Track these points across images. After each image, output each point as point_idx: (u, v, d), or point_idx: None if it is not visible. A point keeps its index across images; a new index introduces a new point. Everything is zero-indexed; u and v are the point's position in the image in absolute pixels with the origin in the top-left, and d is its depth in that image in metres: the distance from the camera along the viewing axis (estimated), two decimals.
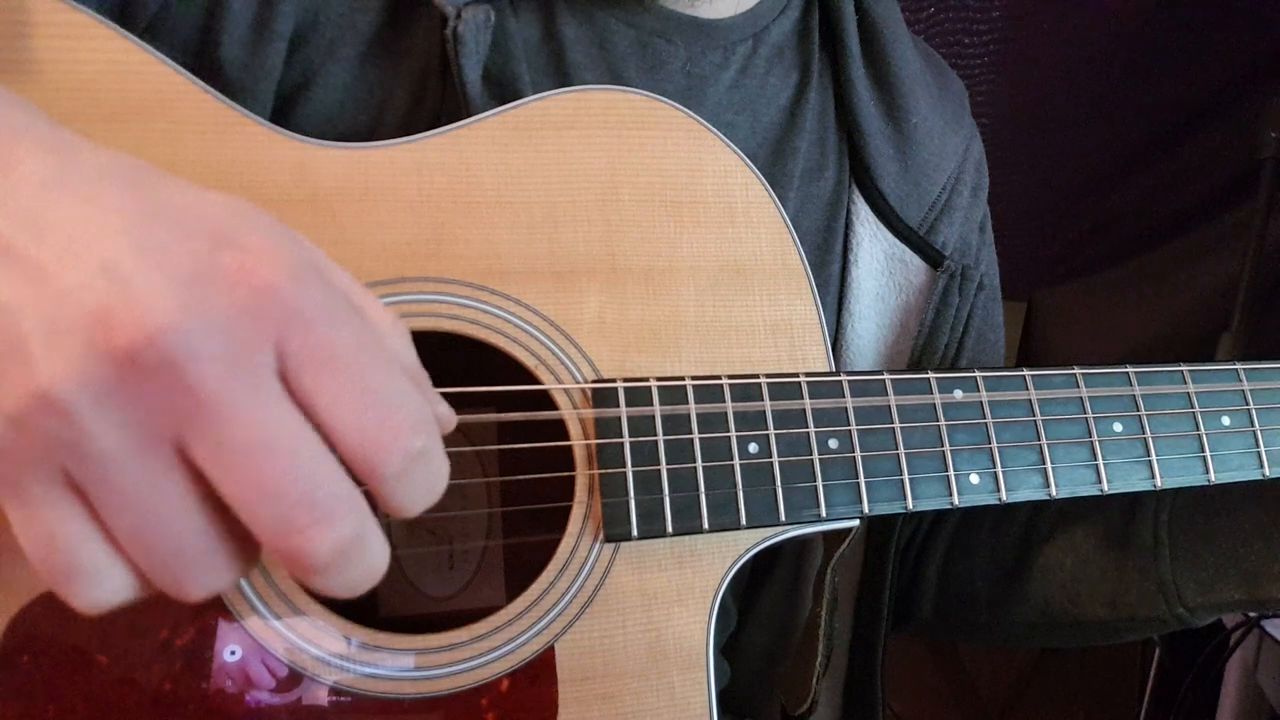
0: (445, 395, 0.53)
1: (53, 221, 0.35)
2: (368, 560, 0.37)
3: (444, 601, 0.68)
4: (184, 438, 0.35)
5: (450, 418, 0.43)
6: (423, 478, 0.38)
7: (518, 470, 0.63)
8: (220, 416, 0.34)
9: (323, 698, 0.52)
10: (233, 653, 0.51)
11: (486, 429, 0.63)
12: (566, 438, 0.57)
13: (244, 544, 0.37)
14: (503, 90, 0.67)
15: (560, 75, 0.70)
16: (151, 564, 0.36)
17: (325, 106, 0.64)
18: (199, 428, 0.34)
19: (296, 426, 0.36)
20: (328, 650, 0.52)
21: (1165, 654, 1.64)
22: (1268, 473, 0.67)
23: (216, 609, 0.51)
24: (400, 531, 0.67)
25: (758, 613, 0.82)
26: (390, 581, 0.67)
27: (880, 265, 0.80)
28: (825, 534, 0.62)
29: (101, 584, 0.36)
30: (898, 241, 0.80)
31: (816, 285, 0.65)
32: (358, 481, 0.37)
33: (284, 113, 0.63)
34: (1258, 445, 0.67)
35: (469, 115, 0.61)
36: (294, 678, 0.52)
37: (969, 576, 0.84)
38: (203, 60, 0.61)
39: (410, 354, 0.42)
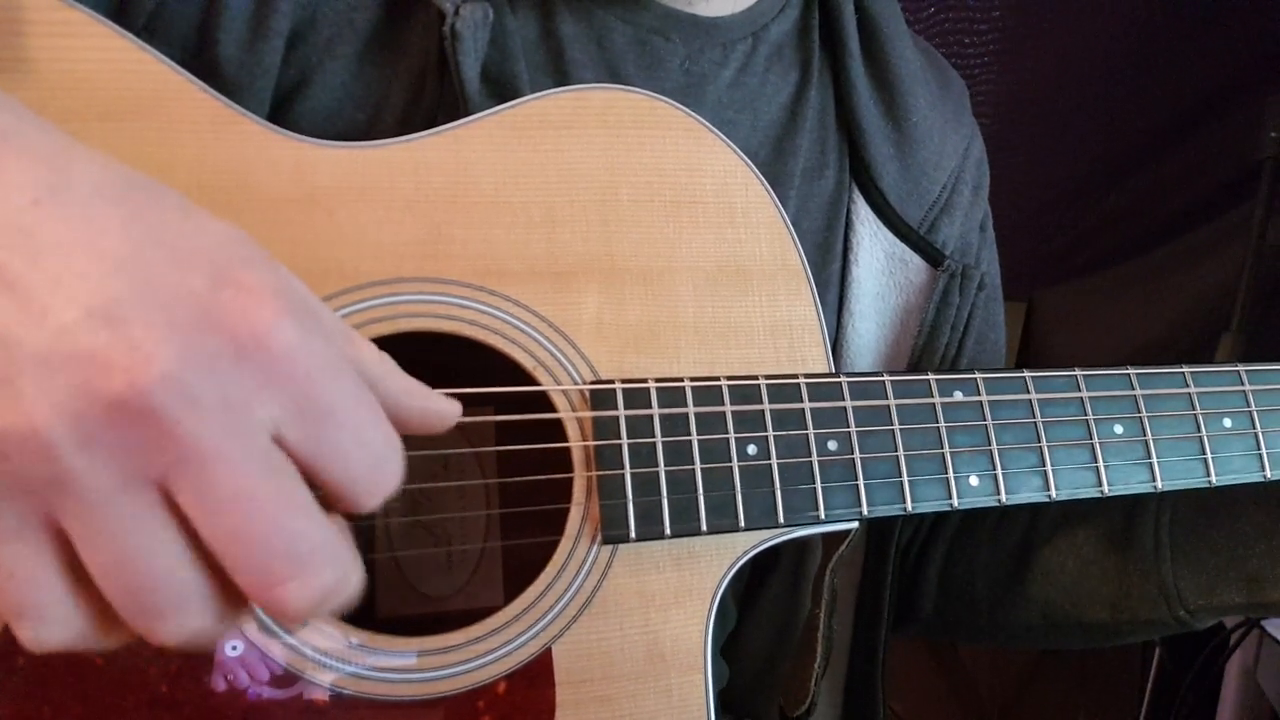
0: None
1: (45, 243, 0.34)
2: (344, 597, 0.38)
3: (442, 602, 0.68)
4: (169, 482, 0.35)
5: (454, 411, 0.44)
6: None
7: (516, 471, 0.63)
8: (208, 467, 0.34)
9: (320, 698, 0.52)
10: (230, 652, 0.51)
11: (485, 430, 0.63)
12: (565, 439, 0.57)
13: (224, 592, 0.37)
14: (501, 88, 0.66)
15: (558, 73, 0.70)
16: (126, 601, 0.35)
17: (323, 105, 0.64)
18: (185, 476, 0.34)
19: (284, 479, 0.36)
20: (325, 651, 0.52)
21: (1165, 654, 1.63)
22: (1269, 475, 0.67)
23: None
24: (399, 532, 0.67)
25: (757, 613, 0.82)
26: (389, 582, 0.67)
27: (881, 265, 0.80)
28: (824, 535, 0.62)
29: (49, 625, 0.35)
30: (898, 241, 0.79)
31: (817, 285, 0.65)
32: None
33: (282, 111, 0.63)
34: (1259, 447, 0.67)
35: (467, 113, 0.61)
36: (291, 679, 0.52)
37: (969, 578, 0.84)
38: (200, 59, 0.61)
39: (396, 380, 0.42)
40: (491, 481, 0.66)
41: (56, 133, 0.39)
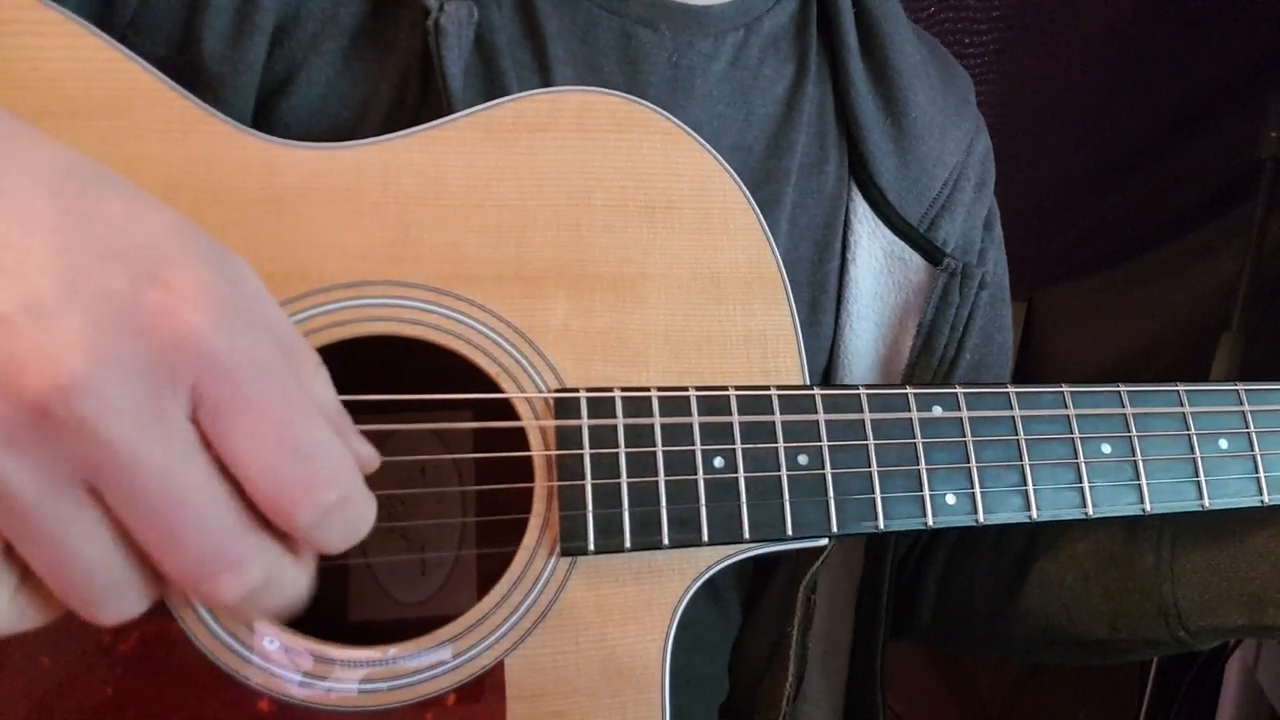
0: (404, 401, 0.53)
1: None
2: (285, 594, 0.38)
3: (415, 608, 0.67)
4: (95, 484, 0.35)
5: (373, 458, 0.43)
6: (339, 525, 0.39)
7: (490, 479, 0.62)
8: (130, 470, 0.34)
9: (266, 711, 0.51)
10: (177, 661, 0.50)
11: (462, 436, 0.62)
12: (529, 448, 0.56)
13: (157, 575, 0.37)
14: (486, 85, 0.66)
15: (543, 70, 0.69)
16: (65, 594, 0.36)
17: (308, 101, 0.63)
18: (110, 478, 0.34)
19: (207, 479, 0.36)
20: (274, 662, 0.51)
21: None
22: (1266, 500, 0.65)
23: (162, 616, 0.50)
24: (374, 536, 0.67)
25: (758, 617, 0.81)
26: (362, 587, 0.67)
27: (879, 264, 0.78)
28: (800, 552, 0.61)
29: None
30: (897, 239, 0.78)
31: (814, 283, 0.64)
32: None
33: (267, 108, 0.63)
34: (1257, 470, 0.64)
35: (452, 110, 0.60)
36: (238, 688, 0.51)
37: (969, 589, 0.83)
38: (185, 55, 0.60)
39: (330, 395, 0.42)
40: (461, 490, 0.66)
41: (4, 116, 0.38)
